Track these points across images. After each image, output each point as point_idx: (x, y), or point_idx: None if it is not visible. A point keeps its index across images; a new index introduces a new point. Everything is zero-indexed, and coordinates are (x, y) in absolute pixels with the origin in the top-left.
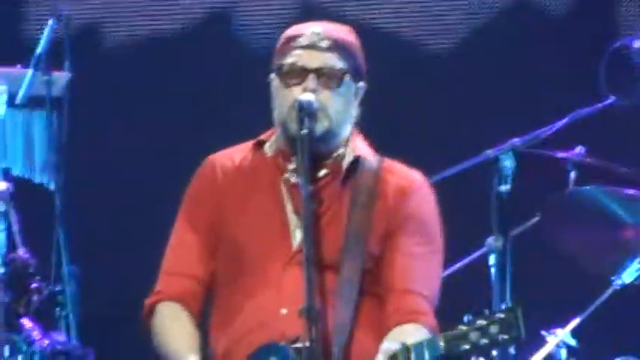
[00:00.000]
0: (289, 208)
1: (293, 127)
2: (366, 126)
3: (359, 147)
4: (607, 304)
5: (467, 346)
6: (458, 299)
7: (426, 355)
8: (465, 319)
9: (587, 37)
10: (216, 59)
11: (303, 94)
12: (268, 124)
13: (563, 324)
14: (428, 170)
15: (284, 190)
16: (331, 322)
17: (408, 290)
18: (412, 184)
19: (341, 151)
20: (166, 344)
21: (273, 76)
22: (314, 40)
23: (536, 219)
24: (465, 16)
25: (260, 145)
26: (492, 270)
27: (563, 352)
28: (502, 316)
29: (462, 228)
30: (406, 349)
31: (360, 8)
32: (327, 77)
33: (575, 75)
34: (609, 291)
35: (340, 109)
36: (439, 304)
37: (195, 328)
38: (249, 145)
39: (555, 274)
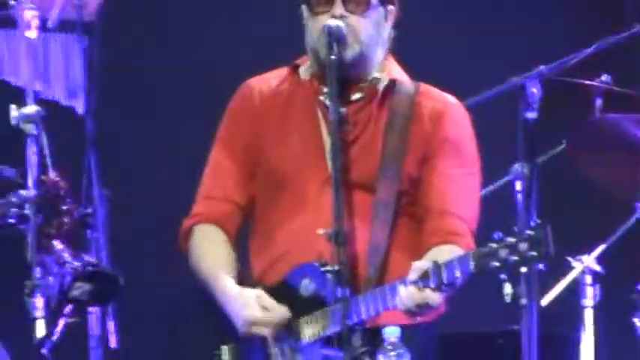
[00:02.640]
0: (324, 130)
1: (323, 52)
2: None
3: (394, 71)
4: (632, 231)
5: (497, 264)
6: (483, 226)
7: (457, 272)
8: (495, 236)
9: None
10: None
11: (331, 19)
12: (301, 50)
13: (589, 251)
14: (456, 97)
15: (319, 112)
16: (366, 244)
17: (446, 212)
18: (448, 108)
19: (376, 74)
20: (203, 264)
21: (303, 8)
22: None
23: (562, 146)
24: None
25: (295, 69)
26: (519, 196)
27: (589, 278)
28: (531, 233)
29: (488, 155)
30: (437, 266)
31: None
32: (354, 2)
33: (602, 3)
34: (634, 218)
35: (370, 33)
36: None
37: (232, 250)
38: (284, 70)
39: (581, 201)
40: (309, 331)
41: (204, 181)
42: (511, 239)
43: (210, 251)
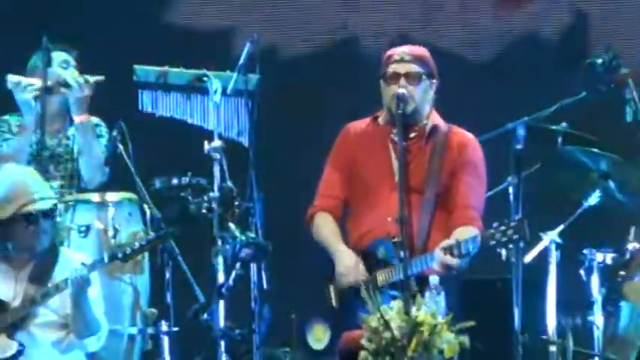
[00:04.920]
0: (393, 156)
1: (393, 108)
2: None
3: (435, 119)
4: (579, 217)
5: (494, 242)
6: (487, 216)
7: (470, 247)
8: (494, 224)
9: (574, 55)
10: (347, 73)
11: (399, 89)
12: (379, 106)
13: (553, 228)
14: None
15: (390, 145)
16: (416, 226)
17: (467, 205)
18: (468, 141)
19: (424, 122)
20: (322, 235)
21: (381, 81)
22: (402, 56)
23: (537, 166)
24: (493, 40)
25: (375, 118)
26: (511, 197)
27: (553, 246)
28: (515, 224)
29: (492, 170)
30: (458, 243)
31: (427, 36)
32: (411, 78)
33: (564, 80)
34: (580, 209)
35: (421, 97)
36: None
37: (338, 228)
38: (368, 119)
39: (549, 198)
40: (381, 278)
41: (321, 185)
42: (503, 227)
43: (326, 227)
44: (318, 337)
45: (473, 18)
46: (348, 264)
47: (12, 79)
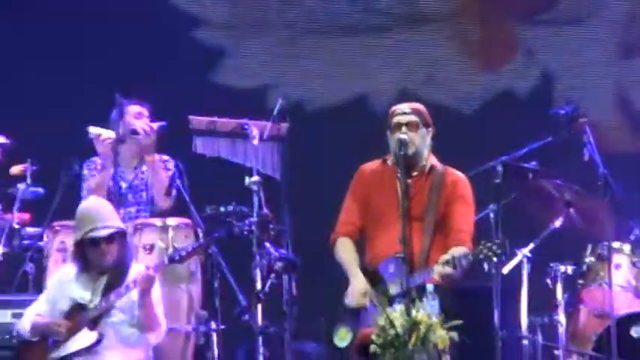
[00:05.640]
0: (399, 190)
1: (398, 151)
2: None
3: (433, 161)
4: (547, 237)
5: (482, 256)
6: (476, 235)
7: (463, 262)
8: (481, 242)
9: (541, 107)
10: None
11: (401, 135)
12: (387, 150)
13: (525, 245)
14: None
15: (397, 182)
16: (418, 247)
17: (460, 229)
18: (459, 179)
19: (424, 162)
20: (342, 257)
21: (387, 131)
22: (403, 110)
23: (513, 196)
24: (478, 95)
25: (384, 161)
26: (492, 222)
27: (525, 260)
28: (499, 241)
29: (478, 200)
30: (454, 257)
31: (424, 92)
32: (411, 127)
33: (533, 127)
34: (548, 231)
35: (420, 142)
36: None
37: (355, 250)
38: (378, 161)
39: (523, 221)
40: (393, 289)
41: (342, 215)
42: (489, 244)
43: (346, 252)
44: (342, 336)
45: (462, 78)
46: (356, 290)
47: (92, 131)
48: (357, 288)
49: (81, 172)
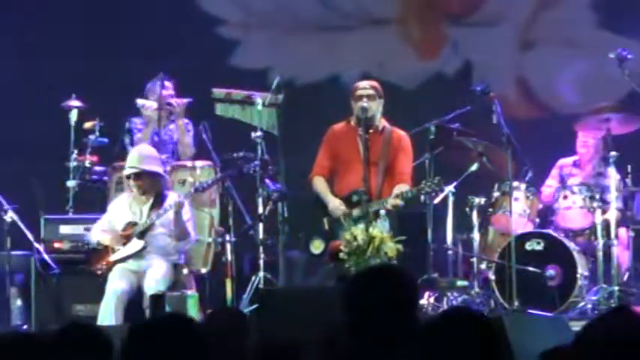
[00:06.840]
0: (360, 144)
1: (360, 115)
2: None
3: (384, 123)
4: (466, 177)
5: (424, 191)
6: (415, 178)
7: (409, 194)
8: (423, 182)
9: (464, 85)
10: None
11: (363, 103)
12: (351, 115)
13: (451, 183)
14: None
15: (358, 138)
16: (374, 184)
17: (402, 172)
18: (402, 136)
19: (377, 124)
20: (319, 190)
21: (352, 101)
22: (364, 86)
23: (441, 148)
24: (418, 76)
25: (349, 122)
26: (427, 167)
27: (450, 194)
28: (436, 181)
29: (416, 151)
30: (401, 192)
31: (379, 74)
32: (370, 98)
33: (458, 99)
34: (466, 173)
35: (375, 109)
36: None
37: (328, 185)
38: (344, 122)
39: (449, 167)
40: (356, 213)
41: (317, 160)
42: (429, 182)
43: (321, 185)
44: (317, 246)
45: (406, 64)
46: (336, 205)
47: (139, 101)
48: (336, 204)
49: (130, 126)
